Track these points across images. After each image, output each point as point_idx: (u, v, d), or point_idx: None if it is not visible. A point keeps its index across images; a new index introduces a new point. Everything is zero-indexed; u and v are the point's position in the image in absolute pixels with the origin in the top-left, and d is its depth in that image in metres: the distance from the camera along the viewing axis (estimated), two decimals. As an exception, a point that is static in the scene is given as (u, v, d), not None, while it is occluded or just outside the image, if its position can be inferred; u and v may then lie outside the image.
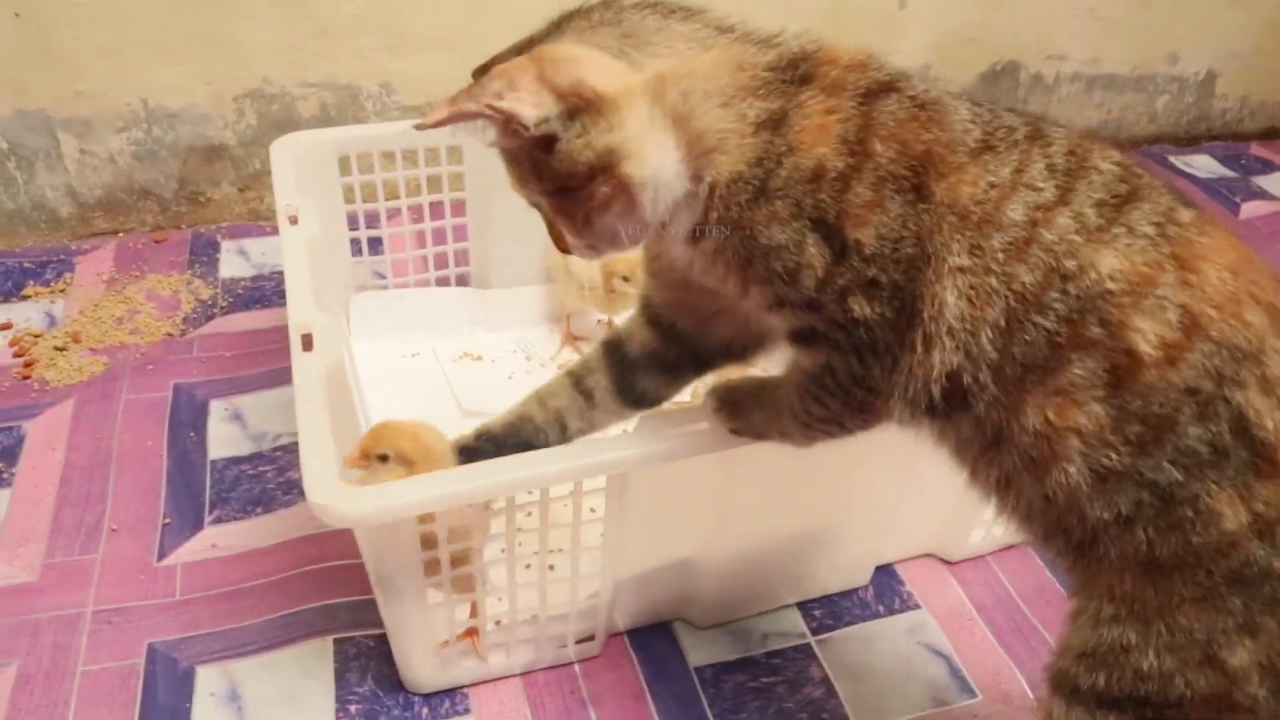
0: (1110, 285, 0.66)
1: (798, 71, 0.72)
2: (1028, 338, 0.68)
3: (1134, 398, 0.66)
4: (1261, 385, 0.65)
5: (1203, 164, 2.20)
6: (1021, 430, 0.69)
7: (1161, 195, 0.70)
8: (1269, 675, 0.67)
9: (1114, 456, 0.67)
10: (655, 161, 0.72)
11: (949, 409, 0.72)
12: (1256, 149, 2.29)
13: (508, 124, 0.70)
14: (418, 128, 0.74)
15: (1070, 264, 0.67)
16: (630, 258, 1.34)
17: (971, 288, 0.69)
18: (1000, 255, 0.69)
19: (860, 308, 0.71)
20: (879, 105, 0.71)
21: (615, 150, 0.70)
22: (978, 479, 0.76)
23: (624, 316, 1.44)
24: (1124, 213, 0.69)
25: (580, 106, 0.70)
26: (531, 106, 0.69)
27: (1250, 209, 2.03)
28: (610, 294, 1.36)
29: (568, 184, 0.73)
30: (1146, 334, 0.65)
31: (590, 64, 0.70)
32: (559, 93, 0.69)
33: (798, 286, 0.72)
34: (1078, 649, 0.73)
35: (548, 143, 0.71)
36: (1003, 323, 0.69)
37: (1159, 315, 0.66)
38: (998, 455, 0.72)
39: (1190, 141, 2.30)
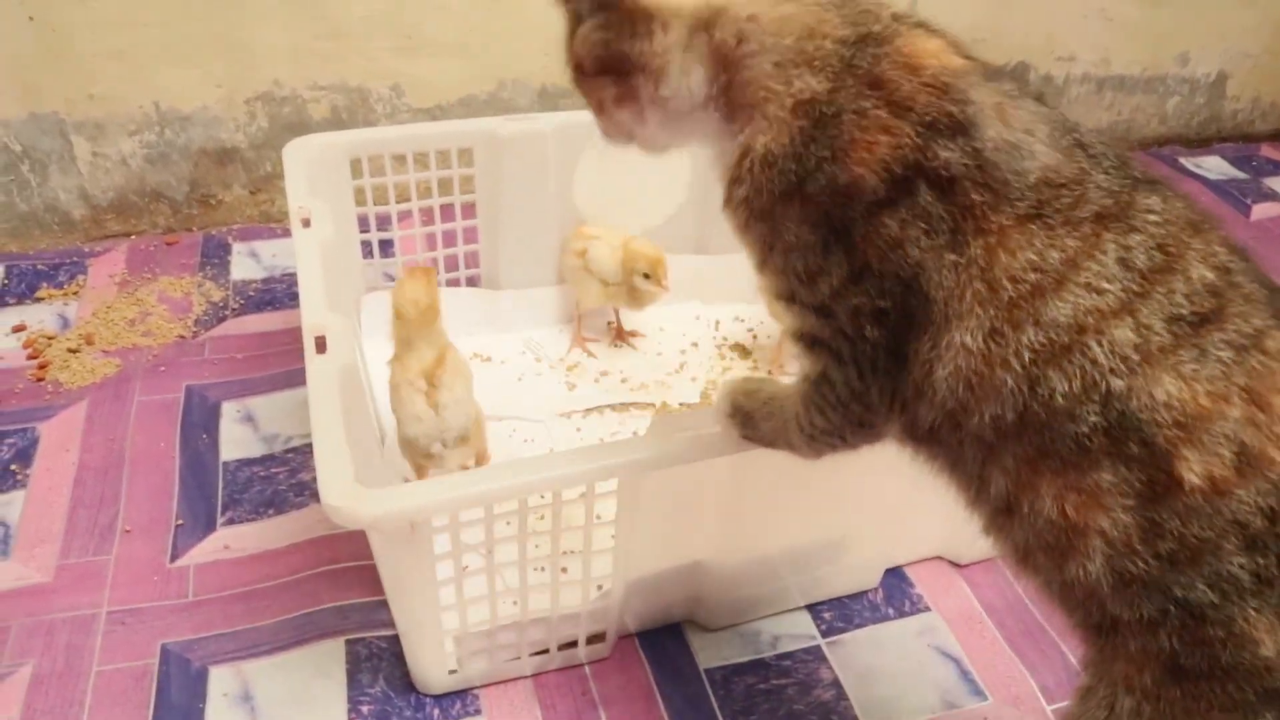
0: (1161, 414, 0.60)
1: (867, 62, 0.66)
2: (1050, 437, 0.63)
3: (1170, 516, 0.61)
4: None
5: (1213, 165, 2.20)
6: (1035, 512, 0.65)
7: (1254, 315, 0.62)
8: None
9: (1140, 565, 0.62)
10: (673, 87, 0.70)
11: (944, 451, 0.70)
12: (1268, 150, 2.29)
13: None
14: None
15: (1118, 384, 0.61)
16: (651, 254, 1.35)
17: (975, 374, 0.65)
18: (1027, 355, 0.63)
19: (870, 329, 0.68)
20: (939, 145, 0.64)
21: (629, 59, 0.70)
22: (990, 535, 0.72)
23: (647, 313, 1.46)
24: (1201, 334, 0.61)
25: (611, 3, 0.69)
26: None
27: (1261, 210, 2.02)
28: (632, 291, 1.37)
29: (576, 68, 0.73)
30: (1193, 464, 0.60)
31: None
32: None
33: (813, 289, 0.70)
34: None
35: (574, 20, 0.72)
36: (1009, 417, 0.64)
37: (1211, 449, 0.60)
38: (1009, 525, 0.68)
39: (1201, 143, 2.30)
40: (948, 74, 0.65)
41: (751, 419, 0.85)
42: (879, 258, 0.66)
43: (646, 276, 1.35)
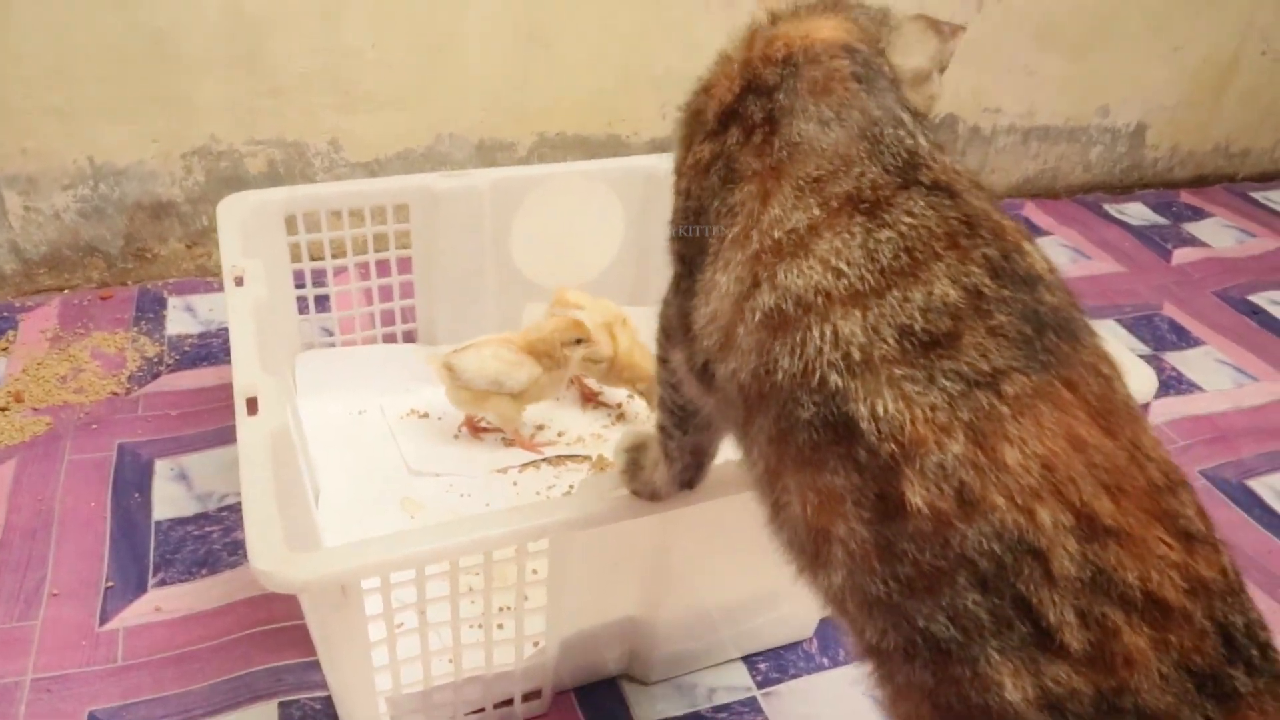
0: (880, 428, 0.59)
1: (759, 45, 0.75)
2: (780, 410, 0.63)
3: (903, 538, 0.59)
4: (1046, 579, 0.57)
5: (1136, 212, 2.27)
6: (787, 508, 0.65)
7: (994, 351, 0.59)
8: None
9: (880, 587, 0.61)
10: None
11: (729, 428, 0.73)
12: (1187, 196, 2.37)
13: None
14: None
15: (835, 380, 0.60)
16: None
17: (722, 318, 0.67)
18: (758, 315, 0.64)
19: (675, 261, 0.77)
20: (750, 99, 0.71)
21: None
22: (779, 544, 0.70)
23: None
24: (929, 356, 0.59)
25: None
26: None
27: (1181, 255, 2.09)
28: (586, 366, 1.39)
29: None
30: (916, 489, 0.58)
31: None
32: None
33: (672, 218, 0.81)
34: None
35: None
36: (748, 380, 0.65)
37: (934, 480, 0.58)
38: (777, 520, 0.68)
39: (1124, 190, 2.37)
40: (792, 50, 0.71)
41: (637, 464, 0.89)
42: (693, 173, 0.73)
43: (639, 391, 1.39)
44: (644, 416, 1.45)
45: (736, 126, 0.70)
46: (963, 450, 0.58)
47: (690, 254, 0.73)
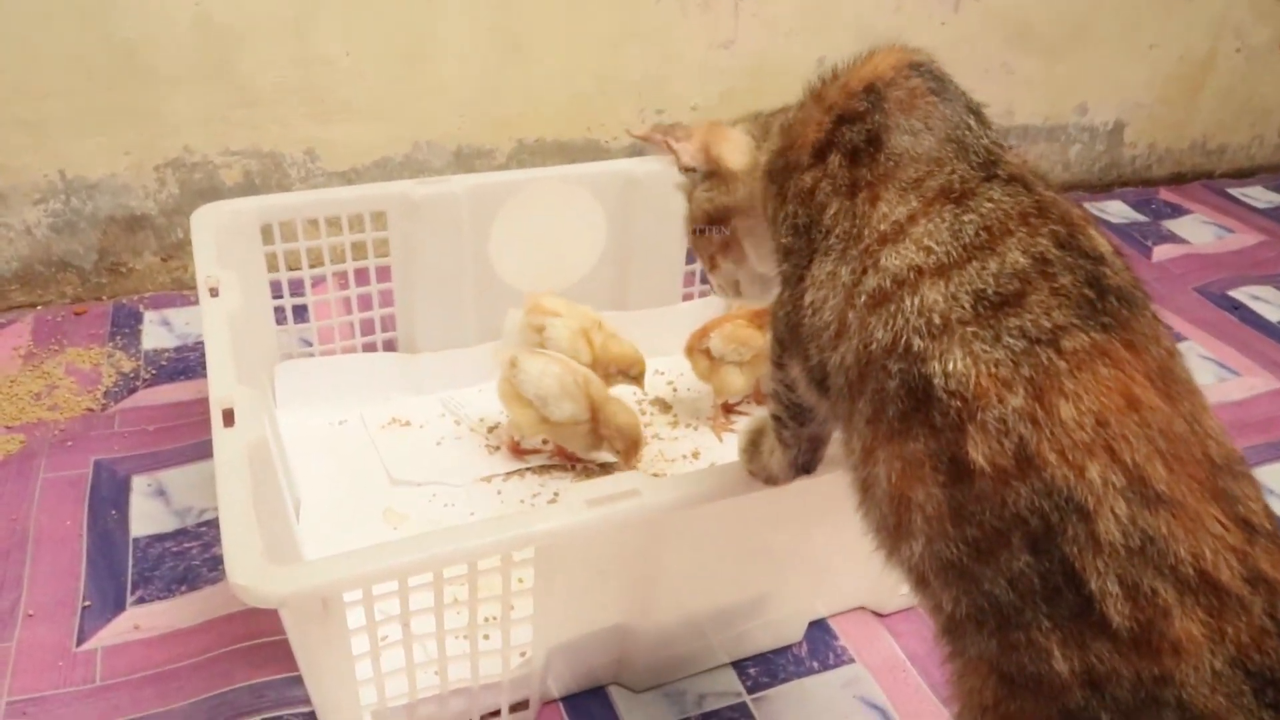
0: (947, 383, 0.63)
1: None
2: (875, 386, 0.67)
3: (970, 499, 0.62)
4: (1091, 542, 0.58)
5: (1116, 209, 2.28)
6: (876, 485, 0.68)
7: (1056, 309, 0.63)
8: None
9: (953, 550, 0.64)
10: (754, 222, 0.87)
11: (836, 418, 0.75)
12: (1165, 194, 2.38)
13: (676, 159, 0.92)
14: (629, 132, 0.93)
15: (918, 343, 0.64)
16: (632, 356, 1.38)
17: (834, 306, 0.71)
18: (864, 298, 0.68)
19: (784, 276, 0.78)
20: (845, 128, 0.75)
21: (728, 208, 0.89)
22: (868, 526, 0.74)
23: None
24: (999, 315, 0.63)
25: (713, 172, 0.90)
26: (689, 156, 0.91)
27: (1161, 252, 2.10)
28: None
29: (698, 226, 0.92)
30: (980, 447, 0.61)
31: (732, 145, 0.89)
32: (707, 156, 0.90)
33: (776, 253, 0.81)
34: None
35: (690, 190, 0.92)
36: (849, 360, 0.70)
37: (996, 437, 0.61)
38: (867, 501, 0.71)
39: (1104, 188, 2.38)
40: (870, 81, 0.76)
41: (756, 446, 0.91)
42: (800, 204, 0.76)
43: (632, 378, 1.39)
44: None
45: (836, 153, 0.75)
46: (1021, 404, 0.61)
47: (799, 261, 0.76)
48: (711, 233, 0.91)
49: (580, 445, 1.32)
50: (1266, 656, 0.57)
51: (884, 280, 0.67)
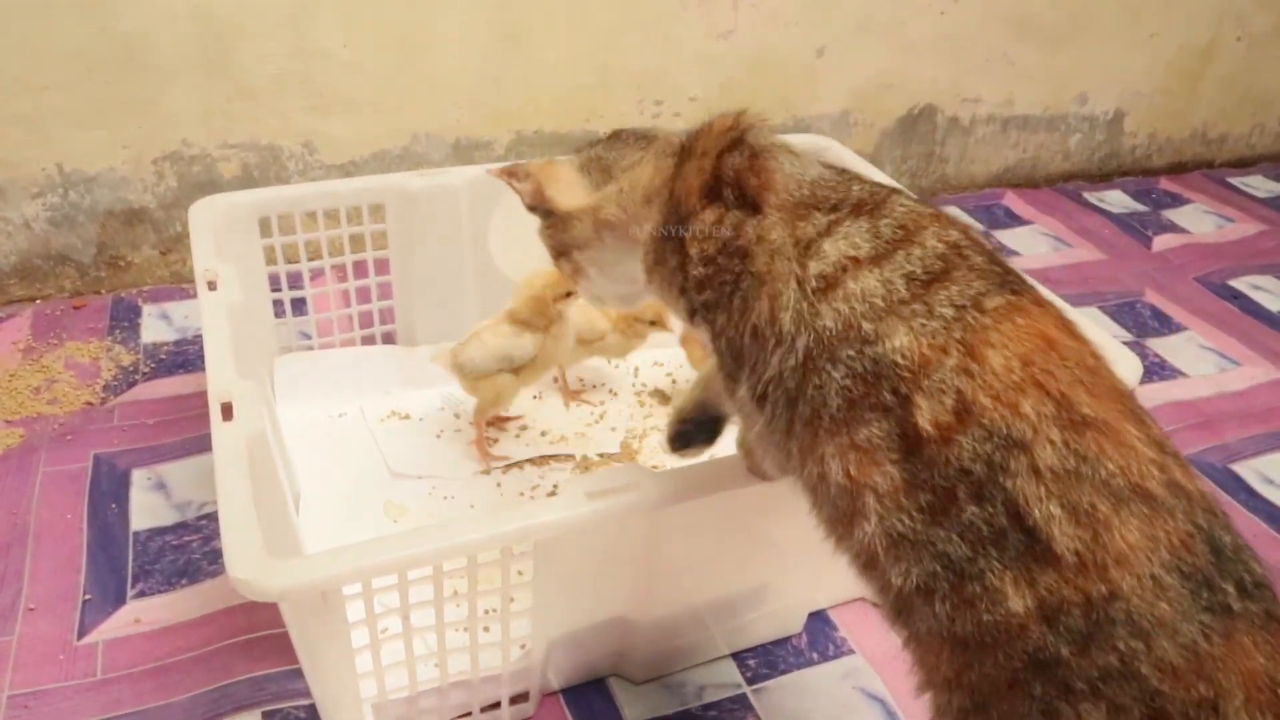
0: (898, 359, 0.68)
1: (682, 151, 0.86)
2: (815, 385, 0.71)
3: (923, 466, 0.66)
4: (1033, 473, 0.63)
5: (1116, 199, 2.27)
6: (825, 475, 0.71)
7: (975, 280, 0.70)
8: None
9: (906, 521, 0.67)
10: (595, 254, 0.93)
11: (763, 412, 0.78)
12: (1165, 183, 2.38)
13: (521, 199, 0.97)
14: (488, 171, 1.01)
15: (868, 327, 0.69)
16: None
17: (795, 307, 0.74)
18: (813, 283, 0.72)
19: (710, 316, 0.81)
20: (729, 157, 0.81)
21: (565, 244, 0.94)
22: (819, 520, 0.77)
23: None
24: (929, 291, 0.69)
25: (550, 211, 0.94)
26: (528, 197, 0.96)
27: (1161, 242, 2.09)
28: (624, 339, 1.42)
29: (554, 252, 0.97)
30: (925, 412, 0.66)
31: (565, 186, 0.94)
32: (541, 198, 0.94)
33: (686, 297, 0.84)
34: None
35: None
36: (790, 363, 0.73)
37: (936, 398, 0.66)
38: (819, 499, 0.74)
39: (1103, 178, 2.38)
40: (728, 120, 0.84)
41: (747, 443, 0.90)
42: (707, 242, 0.80)
43: (653, 323, 1.39)
44: (627, 412, 1.44)
45: (727, 187, 0.80)
46: (956, 362, 0.66)
47: (720, 295, 0.80)
48: (562, 263, 0.97)
49: (565, 355, 1.37)
50: (1196, 557, 0.61)
51: (825, 267, 0.72)
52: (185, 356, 1.53)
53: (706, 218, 0.80)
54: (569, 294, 1.31)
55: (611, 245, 0.91)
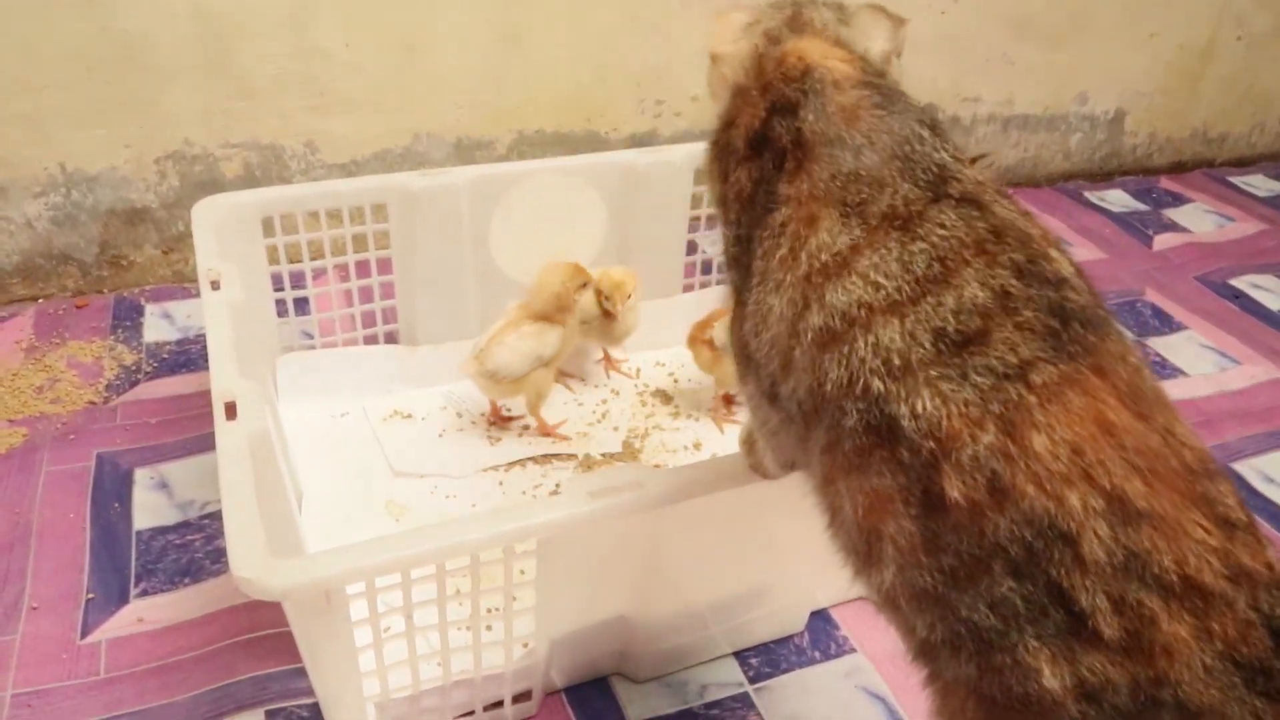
0: (920, 426, 0.61)
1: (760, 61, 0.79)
2: (830, 420, 0.66)
3: (947, 530, 0.61)
4: (1077, 564, 0.58)
5: (1116, 198, 2.27)
6: (841, 514, 0.68)
7: (1022, 344, 0.61)
8: None
9: (927, 579, 0.63)
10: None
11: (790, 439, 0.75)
12: (1166, 183, 2.38)
13: None
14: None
15: (878, 385, 0.63)
16: (616, 278, 1.42)
17: (779, 339, 0.70)
18: (810, 335, 0.67)
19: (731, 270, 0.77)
20: (776, 120, 0.73)
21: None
22: (837, 547, 0.73)
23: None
24: (963, 355, 0.62)
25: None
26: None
27: (1162, 241, 2.09)
28: (603, 325, 1.44)
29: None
30: (954, 482, 0.60)
31: (724, 36, 0.87)
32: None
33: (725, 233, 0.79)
34: None
35: None
36: (802, 393, 0.68)
37: (968, 471, 0.60)
38: (835, 524, 0.71)
39: (1104, 177, 2.38)
40: (800, 66, 0.74)
41: (752, 441, 0.90)
42: (738, 204, 0.75)
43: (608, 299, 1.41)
44: (630, 412, 1.44)
45: (768, 150, 0.73)
46: (993, 440, 0.60)
47: (741, 275, 0.75)
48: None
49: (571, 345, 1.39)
50: (1253, 647, 0.58)
51: (831, 318, 0.65)
52: (187, 356, 1.53)
53: (741, 176, 0.75)
54: (584, 284, 1.35)
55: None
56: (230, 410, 0.94)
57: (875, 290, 0.64)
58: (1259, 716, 0.58)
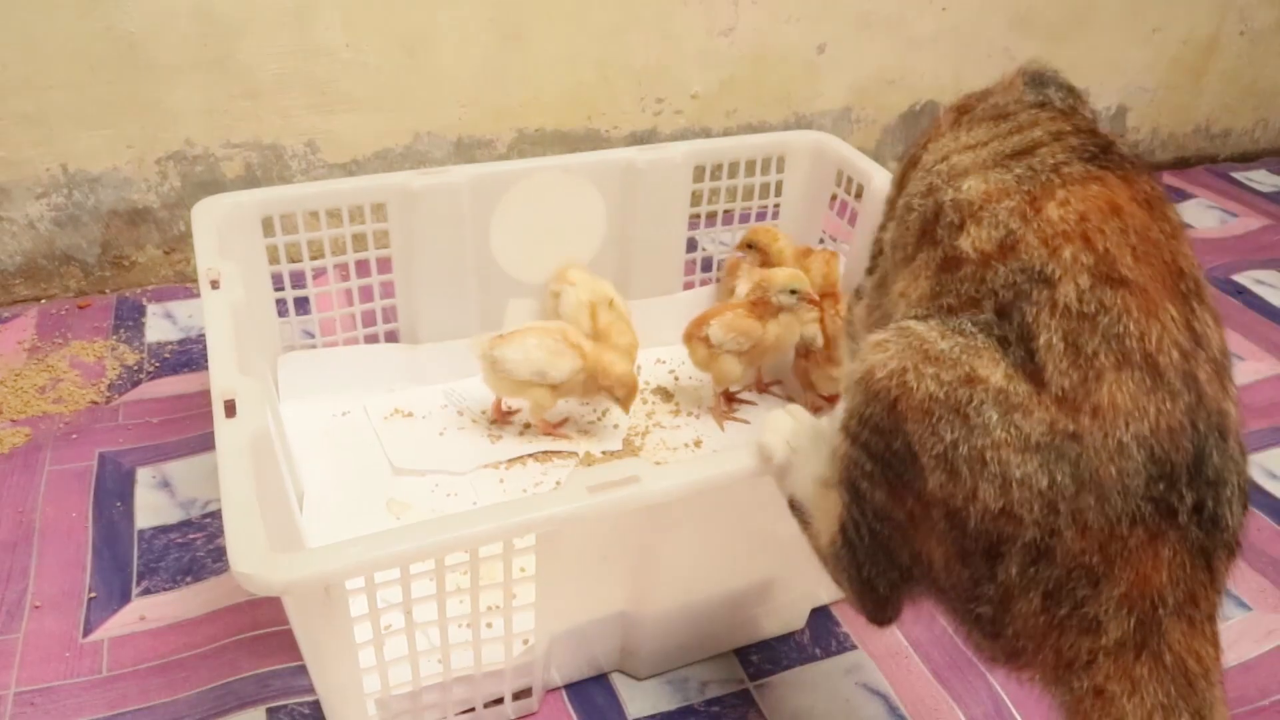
0: (960, 198, 0.72)
1: None
2: (900, 230, 0.80)
3: (954, 280, 0.70)
4: (1049, 305, 0.64)
5: (1119, 195, 2.26)
6: (889, 305, 0.80)
7: (1061, 152, 0.71)
8: None
9: (923, 310, 0.73)
10: None
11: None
12: (1169, 178, 2.37)
13: None
14: None
15: (939, 184, 0.76)
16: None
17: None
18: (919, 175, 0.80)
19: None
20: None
21: None
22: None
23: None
24: (1012, 160, 0.73)
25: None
26: None
27: (1165, 237, 2.09)
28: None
29: None
30: (970, 236, 0.70)
31: None
32: None
33: None
34: None
35: None
36: (891, 230, 0.84)
37: (987, 228, 0.69)
38: (876, 311, 0.86)
39: (1106, 173, 2.37)
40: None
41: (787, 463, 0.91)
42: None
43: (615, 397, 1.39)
44: (632, 411, 1.44)
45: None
46: (1015, 204, 0.69)
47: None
48: None
49: (579, 392, 1.35)
50: (1174, 451, 0.60)
51: (928, 172, 0.78)
52: (189, 355, 1.53)
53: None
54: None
55: None
56: (230, 408, 0.95)
57: (963, 146, 0.77)
58: (1135, 518, 0.60)
